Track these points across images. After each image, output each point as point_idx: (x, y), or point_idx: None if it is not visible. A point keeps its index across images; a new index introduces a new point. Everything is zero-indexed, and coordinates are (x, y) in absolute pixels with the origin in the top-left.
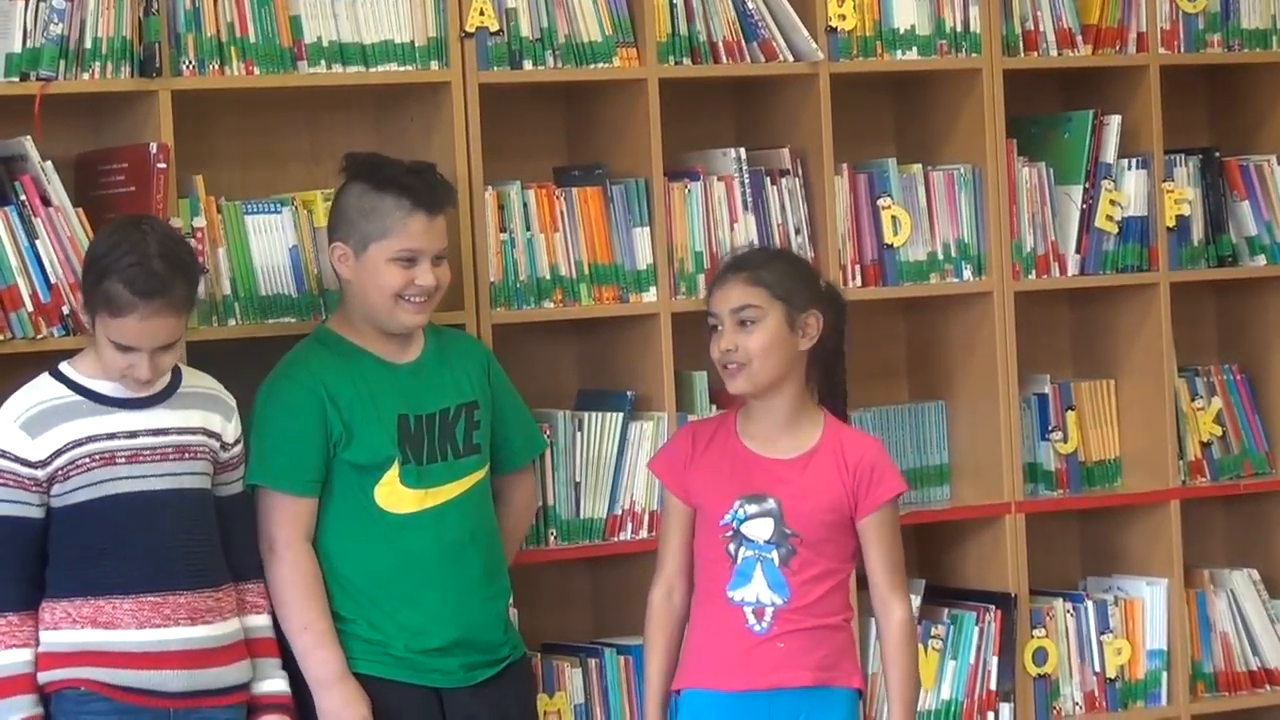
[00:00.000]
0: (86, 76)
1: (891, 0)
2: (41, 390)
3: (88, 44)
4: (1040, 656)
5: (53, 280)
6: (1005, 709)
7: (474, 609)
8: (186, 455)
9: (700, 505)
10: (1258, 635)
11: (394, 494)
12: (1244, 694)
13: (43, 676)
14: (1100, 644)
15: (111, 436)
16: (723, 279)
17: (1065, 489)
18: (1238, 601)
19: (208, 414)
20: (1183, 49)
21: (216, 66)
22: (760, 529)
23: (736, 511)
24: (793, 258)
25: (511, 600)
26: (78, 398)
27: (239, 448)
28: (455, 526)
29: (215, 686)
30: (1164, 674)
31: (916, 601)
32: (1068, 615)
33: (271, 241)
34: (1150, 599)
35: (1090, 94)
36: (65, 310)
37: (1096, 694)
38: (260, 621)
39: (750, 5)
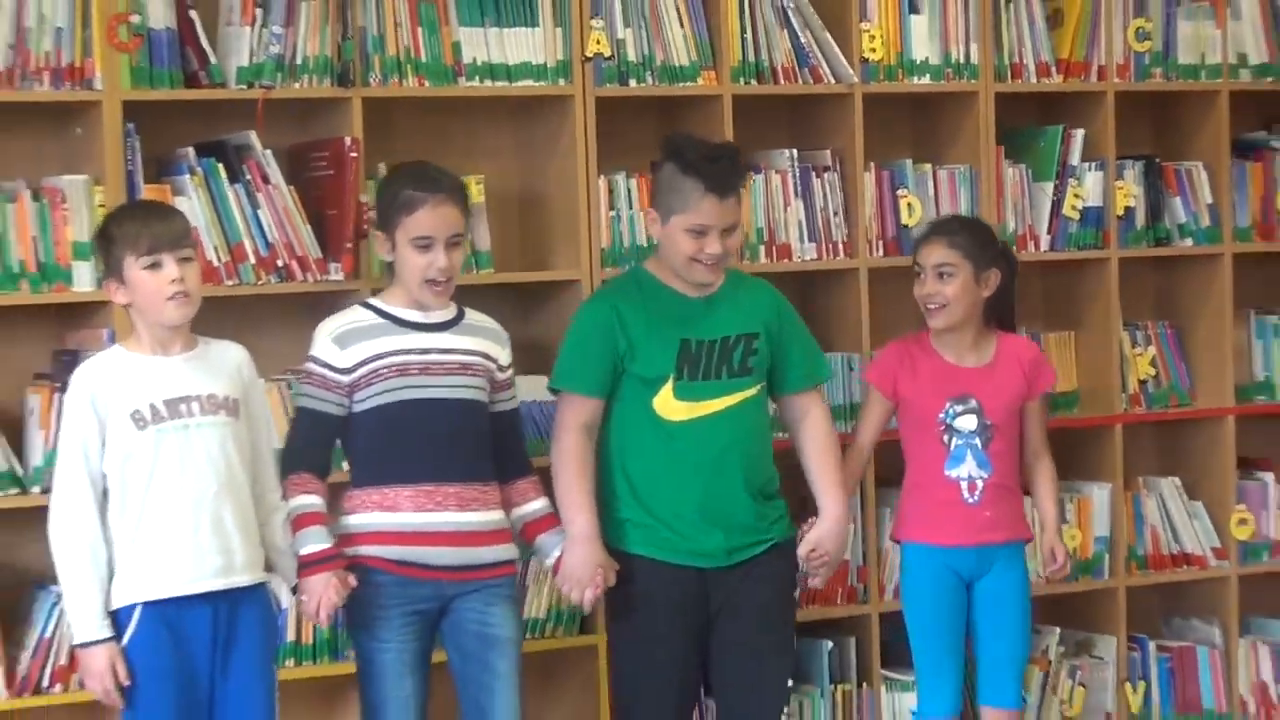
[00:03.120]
0: (297, 86)
1: (910, 37)
2: (352, 314)
3: (299, 60)
4: None
5: (270, 240)
6: None
7: (735, 504)
8: (467, 371)
9: (912, 405)
10: (1179, 528)
11: (668, 404)
12: (1167, 571)
13: (344, 553)
14: (1060, 531)
15: (407, 352)
16: (928, 238)
17: None
18: (1164, 502)
19: (487, 342)
20: (1133, 79)
21: (397, 79)
22: (967, 422)
23: (948, 410)
24: (980, 226)
25: (779, 488)
26: (382, 320)
27: (511, 371)
28: (720, 434)
29: (481, 562)
30: (1106, 555)
31: None
32: (1033, 510)
33: None
34: (1098, 499)
35: (1061, 113)
36: (280, 263)
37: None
38: (538, 505)
39: (803, 39)
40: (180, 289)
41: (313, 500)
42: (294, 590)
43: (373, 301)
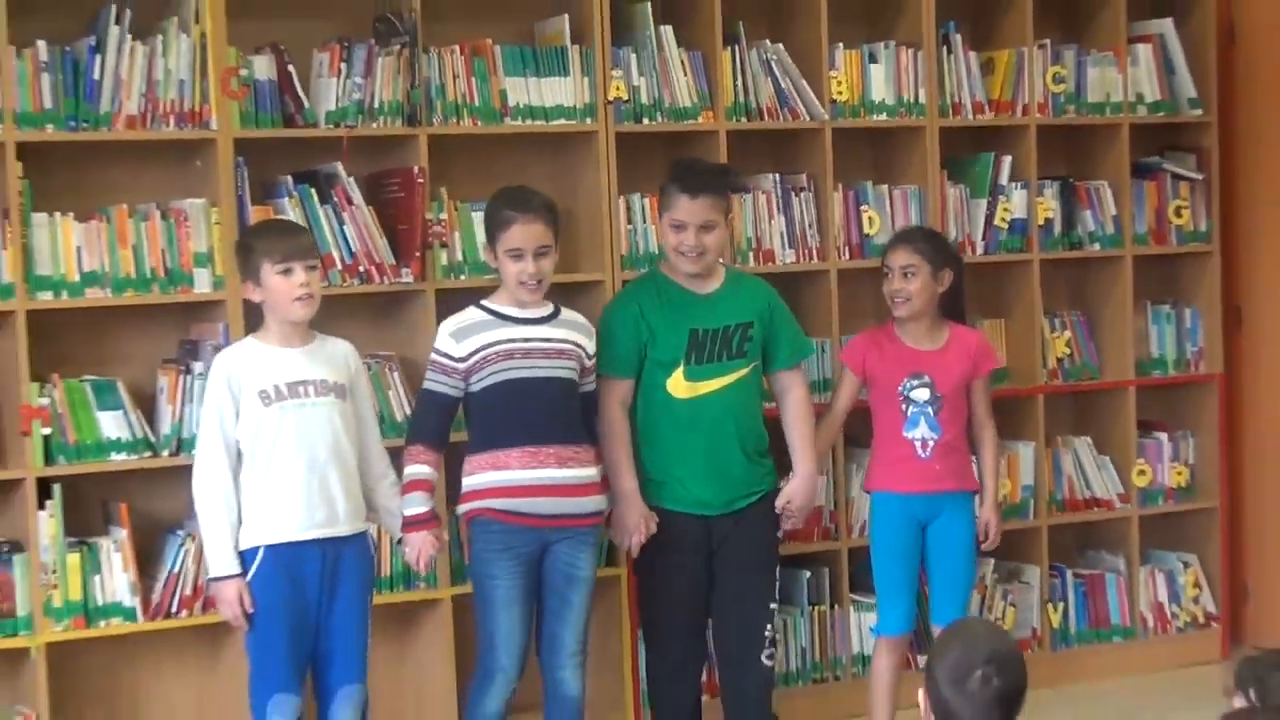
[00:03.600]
0: (375, 125)
1: (871, 82)
2: (467, 313)
3: (376, 105)
4: None
5: (353, 250)
6: None
7: (731, 464)
8: (561, 356)
9: (878, 380)
10: (1090, 477)
11: (677, 384)
12: (1080, 513)
13: (464, 507)
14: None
15: (511, 341)
16: (895, 244)
17: None
18: (1078, 457)
19: (577, 334)
20: (1050, 115)
21: (455, 120)
22: (921, 394)
23: (906, 384)
24: (936, 235)
25: (769, 447)
26: (491, 317)
27: (594, 359)
28: (717, 408)
29: (576, 511)
30: (1031, 500)
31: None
32: (973, 463)
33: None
34: (1024, 454)
35: (993, 142)
36: (361, 269)
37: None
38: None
39: (783, 85)
40: (306, 291)
41: (422, 470)
42: (398, 542)
43: (484, 302)
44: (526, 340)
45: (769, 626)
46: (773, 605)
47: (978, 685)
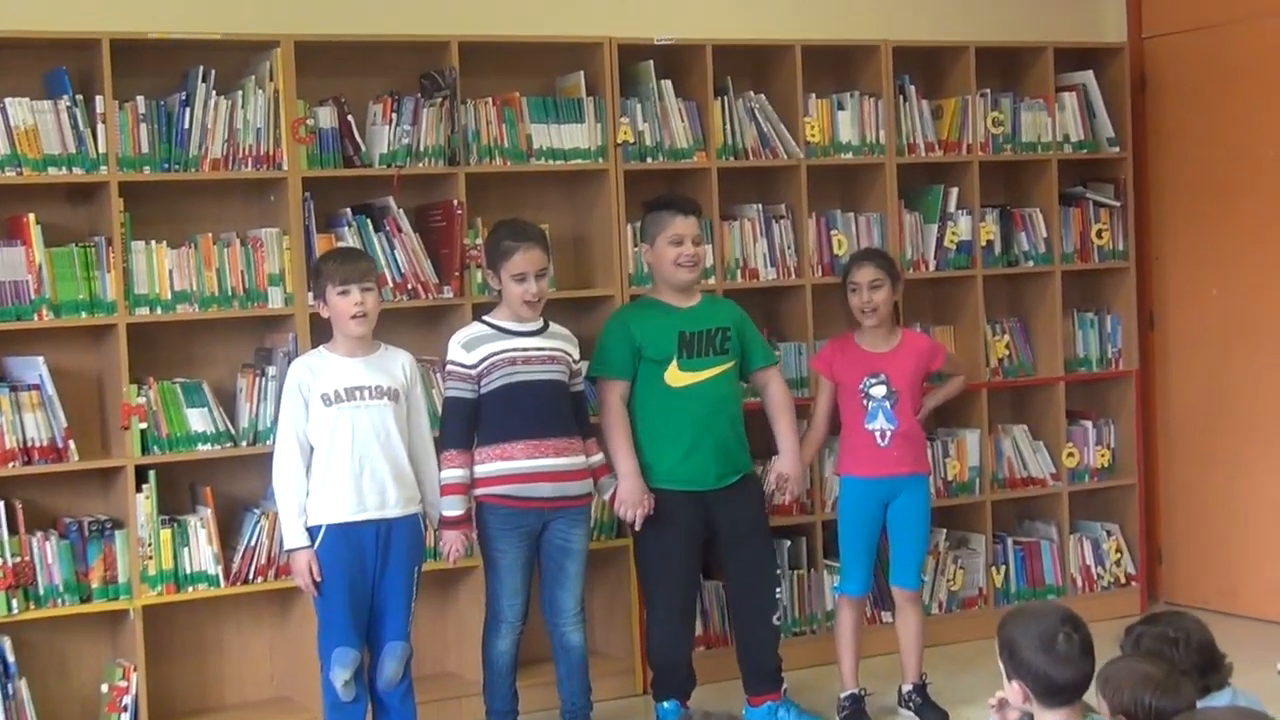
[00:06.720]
0: (420, 165)
1: (839, 126)
2: (473, 328)
3: (421, 148)
4: None
5: (403, 271)
6: None
7: (722, 443)
8: (554, 362)
9: (843, 382)
10: (1027, 459)
11: (673, 375)
12: (1019, 489)
13: (476, 493)
14: (945, 462)
15: (512, 350)
16: (860, 263)
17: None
18: (1016, 442)
19: (564, 343)
20: (991, 152)
21: (489, 160)
22: (879, 391)
23: (866, 383)
24: (887, 254)
25: (745, 436)
26: (494, 330)
27: (581, 364)
28: (708, 395)
29: (570, 494)
30: (977, 478)
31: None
32: (927, 449)
33: None
34: (970, 440)
35: (943, 176)
36: (409, 288)
37: (942, 488)
38: (598, 457)
39: (765, 128)
40: (360, 310)
41: (457, 473)
42: (436, 531)
43: (486, 318)
44: (525, 350)
45: (778, 590)
46: (778, 571)
47: (1064, 644)
